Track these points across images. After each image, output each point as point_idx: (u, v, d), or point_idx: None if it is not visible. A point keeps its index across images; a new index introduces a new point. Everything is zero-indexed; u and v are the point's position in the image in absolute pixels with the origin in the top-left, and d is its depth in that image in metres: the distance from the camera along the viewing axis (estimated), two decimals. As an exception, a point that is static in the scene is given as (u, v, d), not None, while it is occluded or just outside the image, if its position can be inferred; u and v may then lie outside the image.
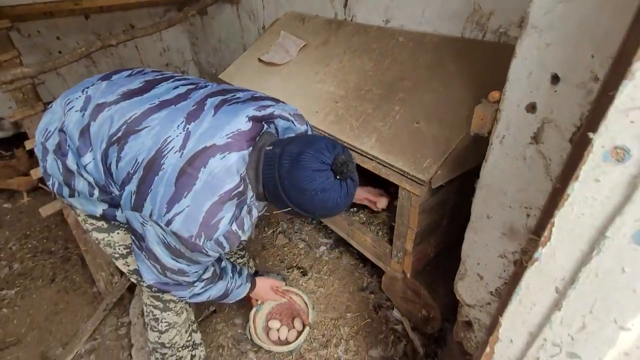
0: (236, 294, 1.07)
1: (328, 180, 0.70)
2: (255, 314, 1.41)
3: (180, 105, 0.79)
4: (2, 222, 2.22)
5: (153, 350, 1.16)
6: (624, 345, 0.38)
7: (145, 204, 0.73)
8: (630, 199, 0.30)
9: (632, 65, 0.27)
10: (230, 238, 0.76)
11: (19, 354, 1.46)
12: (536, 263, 0.41)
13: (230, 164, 0.73)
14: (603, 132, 0.30)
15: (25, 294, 1.72)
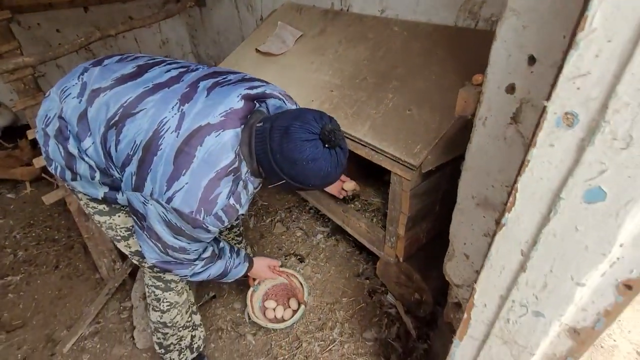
0: (235, 272, 1.10)
1: (317, 150, 0.73)
2: (252, 295, 1.46)
3: (174, 87, 0.82)
4: (6, 212, 2.27)
5: (155, 331, 1.20)
6: (580, 301, 0.41)
7: (145, 184, 0.76)
8: (580, 161, 0.33)
9: (576, 36, 0.29)
10: (229, 212, 0.79)
11: (26, 336, 1.51)
12: (503, 228, 0.44)
13: (225, 141, 0.76)
14: (555, 99, 0.33)
15: (30, 280, 1.77)
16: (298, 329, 1.48)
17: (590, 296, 0.40)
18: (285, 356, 1.39)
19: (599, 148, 0.31)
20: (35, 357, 1.43)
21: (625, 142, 0.29)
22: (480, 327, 0.56)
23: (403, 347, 1.38)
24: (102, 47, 3.12)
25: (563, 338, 0.45)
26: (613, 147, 0.30)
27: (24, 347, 1.47)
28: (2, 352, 1.46)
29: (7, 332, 1.52)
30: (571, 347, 0.45)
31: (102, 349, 1.45)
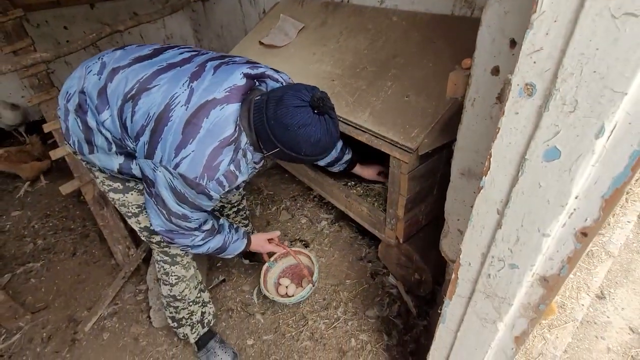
0: (233, 248, 1.16)
1: (308, 115, 0.81)
2: (267, 270, 1.55)
3: (185, 67, 0.91)
4: (24, 204, 2.37)
5: (167, 305, 1.28)
6: (547, 251, 0.47)
7: (156, 151, 0.84)
8: (539, 126, 0.39)
9: (531, 16, 0.35)
10: (229, 177, 0.87)
11: (49, 317, 1.61)
12: (482, 191, 0.50)
13: (228, 115, 0.84)
14: (517, 72, 0.39)
15: (50, 266, 1.87)
16: (304, 308, 1.56)
17: (554, 246, 0.46)
18: (292, 333, 1.47)
19: (552, 113, 0.37)
20: (59, 335, 1.53)
21: (573, 106, 0.35)
22: (466, 285, 0.62)
23: (404, 324, 1.46)
24: (108, 43, 3.19)
25: (535, 287, 0.52)
26: (563, 111, 0.36)
27: (48, 326, 1.57)
28: (28, 331, 1.56)
29: (32, 314, 1.62)
30: (542, 295, 0.51)
31: (121, 328, 1.55)
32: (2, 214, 2.30)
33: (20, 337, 1.54)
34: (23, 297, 1.72)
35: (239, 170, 0.89)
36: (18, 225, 2.21)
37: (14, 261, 1.93)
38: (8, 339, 1.54)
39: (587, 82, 0.33)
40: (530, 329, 0.57)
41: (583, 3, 0.31)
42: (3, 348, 1.51)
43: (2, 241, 2.08)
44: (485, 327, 0.63)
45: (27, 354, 1.48)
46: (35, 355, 1.47)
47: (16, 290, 1.75)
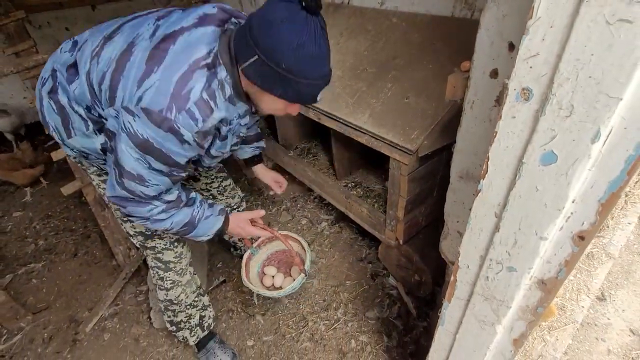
0: (204, 226, 0.98)
1: (294, 10, 0.68)
2: (250, 258, 1.39)
3: (152, 14, 0.86)
4: (25, 205, 2.38)
5: (165, 309, 1.28)
6: (545, 254, 0.47)
7: (117, 93, 0.76)
8: (535, 130, 0.39)
9: (527, 22, 0.35)
10: (202, 107, 0.74)
11: (50, 317, 1.61)
12: (480, 194, 0.50)
13: (198, 36, 0.76)
14: (513, 77, 0.39)
15: (52, 267, 1.88)
16: (304, 309, 1.57)
17: (552, 249, 0.46)
18: (293, 334, 1.47)
19: (549, 117, 0.37)
20: (60, 336, 1.54)
21: (569, 111, 0.35)
22: (465, 288, 0.63)
23: (404, 325, 1.46)
24: (110, 45, 3.20)
25: (533, 290, 0.52)
26: (560, 116, 0.36)
27: (49, 327, 1.58)
28: (29, 331, 1.57)
29: (34, 314, 1.62)
30: (540, 298, 0.52)
31: (122, 329, 1.55)
32: (3, 214, 2.31)
33: (22, 338, 1.55)
34: (24, 298, 1.72)
35: (213, 100, 0.76)
36: (20, 225, 2.21)
37: (16, 262, 1.94)
38: (9, 339, 1.55)
39: (582, 87, 0.33)
40: (528, 331, 0.57)
41: (578, 9, 0.31)
42: (4, 349, 1.51)
43: (3, 242, 2.09)
44: (483, 329, 0.63)
45: (29, 355, 1.48)
46: (36, 356, 1.47)
47: (17, 291, 1.76)
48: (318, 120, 1.47)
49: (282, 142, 2.00)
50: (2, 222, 2.25)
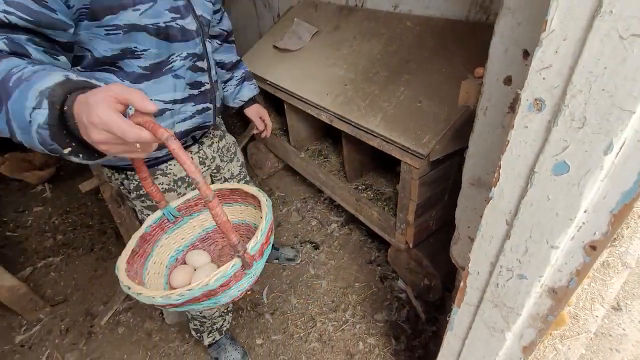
0: (24, 90, 0.48)
1: None
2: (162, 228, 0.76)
3: None
4: (45, 200, 2.47)
5: (192, 318, 1.29)
6: (556, 263, 0.47)
7: None
8: (548, 140, 0.39)
9: (540, 34, 0.36)
10: None
11: (67, 310, 1.67)
12: (491, 201, 0.51)
13: None
14: (526, 87, 0.39)
15: (69, 261, 1.94)
16: (313, 310, 1.58)
17: (563, 258, 0.46)
18: (301, 334, 1.49)
19: (561, 128, 0.38)
20: (76, 328, 1.59)
21: (581, 122, 0.36)
22: (474, 294, 0.63)
23: (412, 329, 1.46)
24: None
25: (544, 298, 0.52)
26: (572, 127, 0.37)
27: (66, 319, 1.63)
28: (47, 322, 1.63)
29: (51, 306, 1.68)
30: (551, 306, 0.52)
31: (135, 323, 1.59)
32: (24, 209, 2.40)
33: (40, 329, 1.61)
34: (43, 290, 1.79)
35: None
36: (39, 220, 2.30)
37: (35, 255, 2.02)
38: (28, 329, 1.61)
39: (595, 99, 0.34)
40: (538, 339, 0.57)
41: (592, 24, 0.31)
42: (24, 338, 1.57)
43: (24, 235, 2.17)
44: (493, 336, 0.63)
45: (46, 345, 1.54)
46: (54, 347, 1.53)
47: (37, 283, 1.83)
48: (330, 123, 1.48)
49: (294, 143, 2.02)
50: (23, 216, 2.34)
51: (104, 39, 0.69)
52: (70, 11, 0.62)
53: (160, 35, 0.75)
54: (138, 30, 0.71)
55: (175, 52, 0.80)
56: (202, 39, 0.86)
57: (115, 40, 0.70)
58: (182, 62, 0.83)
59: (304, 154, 2.00)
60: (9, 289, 1.52)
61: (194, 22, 0.81)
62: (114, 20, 0.67)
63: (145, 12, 0.70)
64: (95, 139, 0.47)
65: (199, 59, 0.87)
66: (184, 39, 0.80)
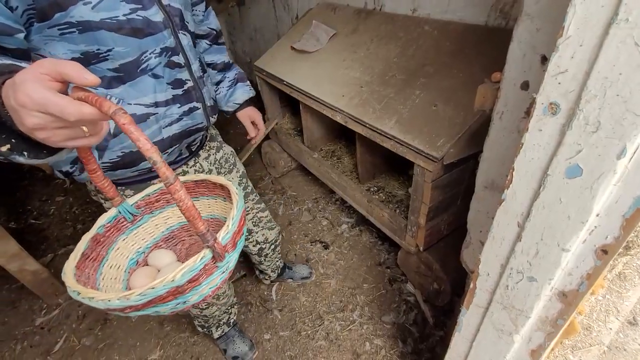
0: None
1: None
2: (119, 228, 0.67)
3: None
4: (67, 190, 2.56)
5: (195, 317, 1.32)
6: (567, 266, 0.48)
7: None
8: (562, 143, 0.40)
9: (557, 40, 0.37)
10: None
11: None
12: (503, 203, 0.52)
13: None
14: (542, 91, 0.40)
15: (88, 250, 2.02)
16: (320, 308, 1.59)
17: (574, 261, 0.47)
18: (308, 332, 1.50)
19: (575, 132, 0.38)
20: (93, 314, 1.65)
21: (595, 127, 0.36)
22: (484, 295, 0.64)
23: (420, 333, 1.45)
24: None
25: (554, 301, 0.52)
26: (586, 131, 0.37)
27: (84, 305, 1.70)
28: (66, 307, 1.69)
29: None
30: (561, 309, 0.52)
31: (148, 312, 1.64)
32: (47, 198, 2.50)
33: (59, 313, 1.68)
34: (63, 276, 1.86)
35: None
36: (61, 209, 2.39)
37: (56, 242, 2.10)
38: (48, 313, 1.68)
39: (610, 104, 0.34)
40: (547, 343, 0.57)
41: (608, 30, 0.32)
42: (44, 321, 1.64)
43: (47, 224, 2.27)
44: (501, 338, 0.63)
45: (64, 329, 1.60)
46: (71, 330, 1.59)
47: (57, 270, 1.90)
48: (345, 124, 1.50)
49: (308, 143, 2.05)
50: (46, 205, 2.44)
51: (60, 40, 0.62)
52: (16, 14, 0.56)
53: (122, 31, 0.67)
54: (95, 29, 0.63)
55: (147, 49, 0.72)
56: (173, 30, 0.77)
57: (72, 41, 0.63)
58: (157, 60, 0.75)
59: (317, 154, 2.02)
60: (32, 273, 1.59)
61: (159, 13, 0.72)
62: (65, 18, 0.60)
63: (97, 5, 0.62)
64: (30, 124, 0.39)
65: (173, 54, 0.78)
66: (150, 32, 0.71)
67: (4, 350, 1.53)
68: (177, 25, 0.78)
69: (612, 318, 1.32)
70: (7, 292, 1.80)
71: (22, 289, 1.70)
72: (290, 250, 1.92)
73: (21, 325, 1.63)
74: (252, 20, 3.13)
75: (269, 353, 1.45)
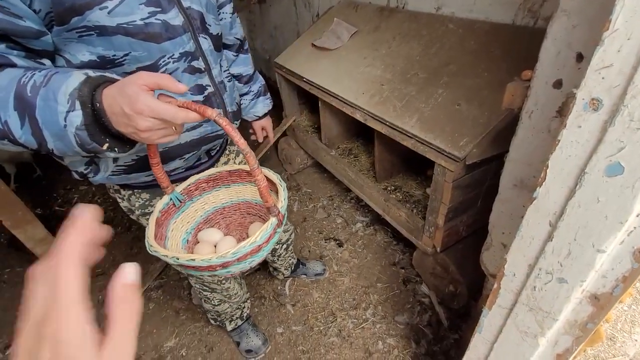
0: (47, 97, 0.51)
1: None
2: (168, 214, 0.77)
3: None
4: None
5: (207, 311, 1.35)
6: (601, 268, 0.47)
7: None
8: (603, 140, 0.39)
9: (602, 34, 0.36)
10: None
11: (105, 282, 1.78)
12: (534, 202, 0.51)
13: None
14: (583, 87, 0.39)
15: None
16: (333, 305, 1.60)
17: (609, 263, 0.45)
18: (320, 327, 1.51)
19: (618, 128, 0.37)
20: (113, 300, 1.70)
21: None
22: (508, 296, 0.62)
23: (434, 334, 1.44)
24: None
25: (584, 304, 0.51)
26: (630, 128, 0.36)
27: (104, 290, 1.75)
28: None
29: (91, 278, 1.80)
30: (592, 313, 0.51)
31: (164, 300, 1.68)
32: (72, 187, 2.59)
33: (81, 297, 1.74)
34: (85, 263, 1.93)
35: None
36: (84, 198, 2.47)
37: (79, 230, 2.17)
38: (71, 297, 1.74)
39: (659, 100, 0.33)
40: (574, 347, 0.56)
41: (661, 22, 0.31)
42: (66, 305, 1.71)
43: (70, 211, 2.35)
44: (525, 340, 0.62)
45: (85, 313, 1.66)
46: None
47: (80, 256, 1.97)
48: (364, 122, 1.49)
49: (325, 141, 2.05)
50: (70, 193, 2.53)
51: (78, 41, 0.62)
52: (39, 16, 0.57)
53: (139, 36, 0.65)
54: (111, 34, 0.62)
55: (165, 54, 0.70)
56: (193, 34, 0.74)
57: (90, 43, 0.63)
58: (175, 65, 0.72)
59: (334, 152, 2.02)
60: (57, 257, 1.65)
61: (179, 16, 0.70)
62: (82, 22, 0.60)
63: (115, 9, 0.61)
64: (143, 127, 0.50)
65: (192, 58, 0.75)
66: (170, 37, 0.69)
67: (29, 330, 1.60)
68: (197, 29, 0.75)
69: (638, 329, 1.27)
70: (32, 275, 1.87)
71: (47, 273, 1.77)
72: (305, 247, 1.92)
73: (45, 308, 1.70)
74: (272, 17, 3.15)
75: (281, 346, 1.46)
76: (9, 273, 1.91)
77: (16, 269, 1.93)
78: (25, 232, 1.51)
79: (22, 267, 1.93)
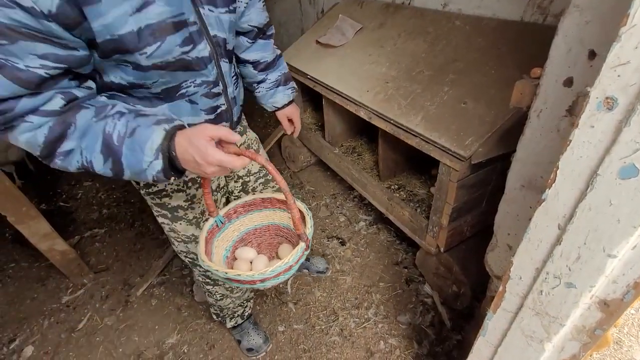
0: (133, 147, 0.61)
1: None
2: (213, 234, 0.90)
3: None
4: (93, 176, 2.66)
5: (210, 306, 1.35)
6: (612, 273, 0.45)
7: None
8: (617, 141, 0.38)
9: (619, 30, 0.34)
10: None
11: (108, 278, 1.80)
12: (543, 204, 0.49)
13: None
14: (597, 85, 0.38)
15: (112, 234, 2.09)
16: (335, 304, 1.59)
17: (621, 268, 0.44)
18: (322, 326, 1.50)
19: (634, 129, 0.36)
20: (115, 296, 1.71)
21: (659, 123, 0.34)
22: (514, 300, 0.61)
23: (436, 335, 1.43)
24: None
25: (593, 310, 0.49)
26: (647, 128, 0.35)
27: (107, 286, 1.76)
28: (90, 288, 1.76)
29: (95, 273, 1.82)
30: (600, 319, 0.49)
31: (167, 297, 1.69)
32: (76, 182, 2.61)
33: (84, 292, 1.75)
34: (88, 258, 1.94)
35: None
36: (88, 194, 2.48)
37: (83, 225, 2.19)
38: (74, 292, 1.75)
39: (678, 99, 0.32)
40: (581, 353, 0.54)
41: (683, 17, 0.29)
42: (69, 299, 1.72)
43: (74, 207, 2.36)
44: (530, 345, 0.61)
45: (88, 308, 1.67)
46: (94, 310, 1.66)
47: (83, 251, 1.98)
48: (368, 120, 1.48)
49: (329, 138, 2.03)
50: (75, 189, 2.54)
51: (114, 66, 0.68)
52: (81, 40, 0.60)
53: (169, 68, 0.71)
54: (145, 70, 0.68)
55: (188, 79, 0.76)
56: (217, 62, 0.79)
57: (125, 71, 0.68)
58: (195, 89, 0.78)
59: (338, 150, 2.01)
60: (61, 253, 1.66)
61: (207, 47, 0.74)
62: (122, 58, 0.65)
63: (153, 54, 0.66)
64: (210, 172, 0.64)
65: (214, 86, 0.81)
66: (196, 68, 0.75)
67: (32, 324, 1.61)
68: (220, 55, 0.80)
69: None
70: (37, 270, 1.89)
71: (51, 268, 1.78)
72: (307, 244, 1.92)
73: (49, 302, 1.71)
74: (277, 14, 3.13)
75: (282, 345, 1.46)
76: (14, 268, 1.93)
77: (21, 264, 1.94)
78: (30, 227, 1.51)
79: (27, 262, 1.95)
